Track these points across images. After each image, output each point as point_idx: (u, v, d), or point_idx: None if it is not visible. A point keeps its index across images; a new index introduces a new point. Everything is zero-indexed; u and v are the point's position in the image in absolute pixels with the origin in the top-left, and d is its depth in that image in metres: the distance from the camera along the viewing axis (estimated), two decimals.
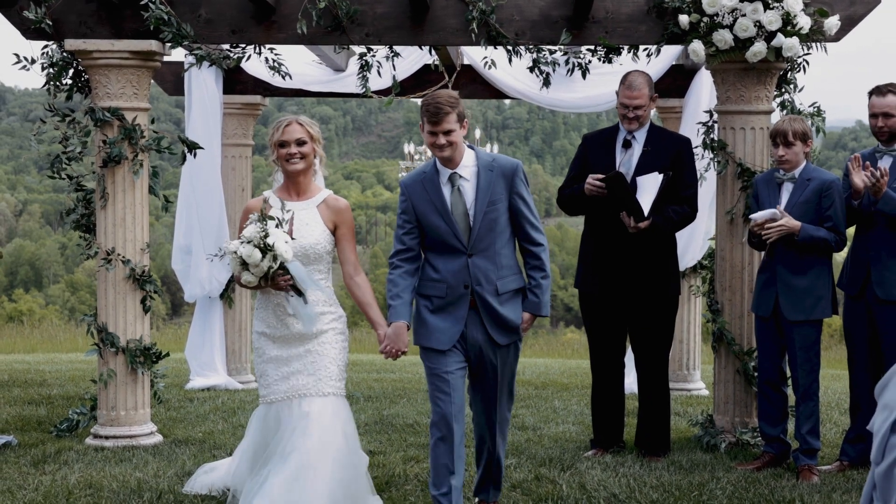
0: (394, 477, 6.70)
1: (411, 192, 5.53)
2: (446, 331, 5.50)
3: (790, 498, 6.28)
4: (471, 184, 5.47)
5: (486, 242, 5.48)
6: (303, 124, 5.69)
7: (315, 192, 5.78)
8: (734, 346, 7.45)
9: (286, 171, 5.69)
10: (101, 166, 7.45)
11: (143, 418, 7.64)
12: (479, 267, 5.47)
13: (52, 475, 6.75)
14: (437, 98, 5.38)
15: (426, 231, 5.53)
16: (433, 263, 5.55)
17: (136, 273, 7.52)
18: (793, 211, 6.67)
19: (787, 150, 6.71)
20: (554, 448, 7.52)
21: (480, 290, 5.46)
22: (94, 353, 7.61)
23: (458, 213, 5.46)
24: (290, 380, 5.63)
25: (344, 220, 5.74)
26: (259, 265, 5.39)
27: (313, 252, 5.65)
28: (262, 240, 5.39)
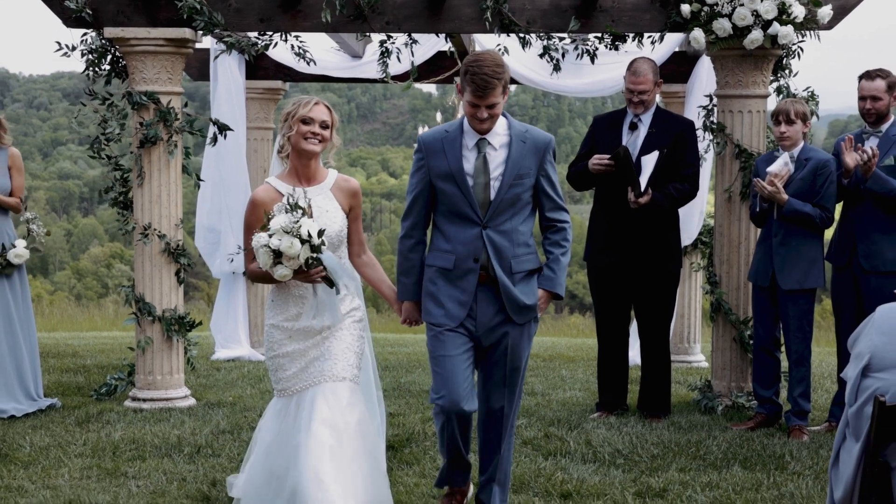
0: (413, 435, 7.21)
1: (429, 150, 5.18)
2: (452, 307, 5.19)
3: (780, 453, 6.80)
4: (499, 154, 5.11)
5: (505, 217, 5.14)
6: (329, 108, 5.35)
7: (323, 175, 5.38)
8: (731, 315, 7.95)
9: (300, 151, 5.23)
10: (138, 147, 7.95)
11: (178, 383, 8.17)
12: (493, 241, 5.12)
13: (97, 433, 7.29)
14: (483, 67, 4.95)
15: (440, 195, 5.19)
16: (444, 231, 5.22)
17: (171, 247, 8.03)
18: (790, 186, 7.17)
19: (788, 128, 7.21)
20: (562, 411, 8.04)
21: (494, 264, 5.12)
22: (132, 322, 8.12)
23: (478, 183, 5.10)
24: (309, 369, 5.23)
25: (357, 202, 5.41)
26: (296, 257, 4.97)
27: (338, 239, 5.28)
28: (298, 230, 4.96)
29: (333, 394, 5.13)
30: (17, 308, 7.96)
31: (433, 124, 25.67)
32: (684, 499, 5.90)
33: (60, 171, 62.30)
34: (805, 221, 7.15)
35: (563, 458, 6.73)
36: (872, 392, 4.05)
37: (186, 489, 6.10)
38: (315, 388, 5.17)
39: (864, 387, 4.12)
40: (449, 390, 5.15)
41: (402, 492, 6.05)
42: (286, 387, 5.25)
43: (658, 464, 6.60)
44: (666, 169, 7.53)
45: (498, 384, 5.32)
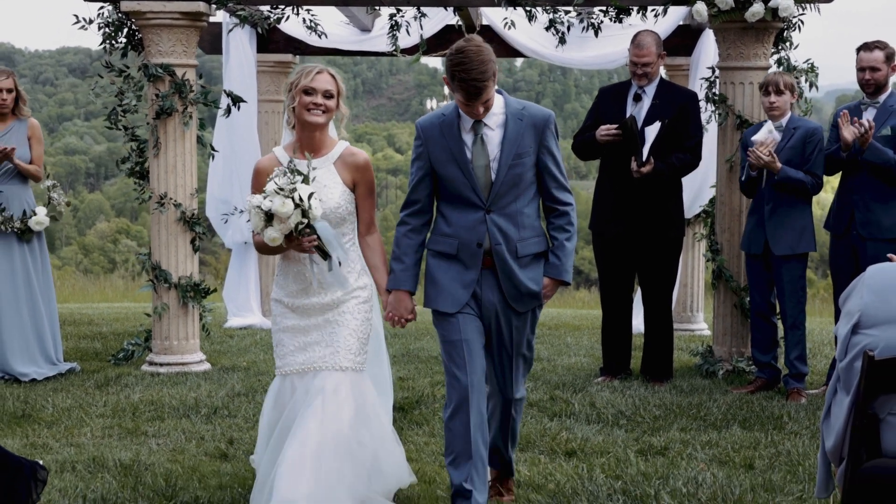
0: (423, 397, 7.44)
1: (428, 136, 4.98)
2: (455, 292, 4.98)
3: (779, 414, 7.03)
4: (496, 134, 4.90)
5: (508, 199, 4.93)
6: (334, 76, 5.09)
7: (330, 146, 5.13)
8: (732, 282, 8.16)
9: (303, 122, 5.02)
10: (154, 118, 8.16)
11: (194, 348, 8.41)
12: (497, 225, 4.92)
13: (117, 395, 7.53)
14: (471, 72, 4.72)
15: (441, 180, 4.99)
16: (446, 216, 5.02)
17: (187, 216, 8.25)
18: (780, 155, 7.37)
19: (778, 98, 7.41)
20: (567, 375, 8.26)
21: (499, 249, 4.92)
22: (148, 288, 8.36)
23: (478, 166, 4.90)
24: (308, 351, 5.07)
25: (364, 177, 5.13)
26: (287, 220, 4.80)
27: (335, 216, 5.04)
28: (292, 192, 4.80)
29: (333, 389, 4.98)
30: (37, 274, 8.19)
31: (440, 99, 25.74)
32: (684, 456, 6.13)
33: (66, 147, 62.47)
34: (797, 188, 7.37)
35: (567, 418, 6.96)
36: (862, 348, 4.26)
37: (205, 447, 6.34)
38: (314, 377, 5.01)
39: (853, 343, 4.33)
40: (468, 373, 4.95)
41: (413, 450, 6.28)
42: (284, 364, 5.10)
43: (660, 424, 6.82)
44: (669, 139, 7.72)
45: (503, 367, 5.12)
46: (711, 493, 5.48)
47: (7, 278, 8.05)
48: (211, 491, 5.53)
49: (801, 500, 5.39)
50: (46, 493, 5.24)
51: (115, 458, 6.02)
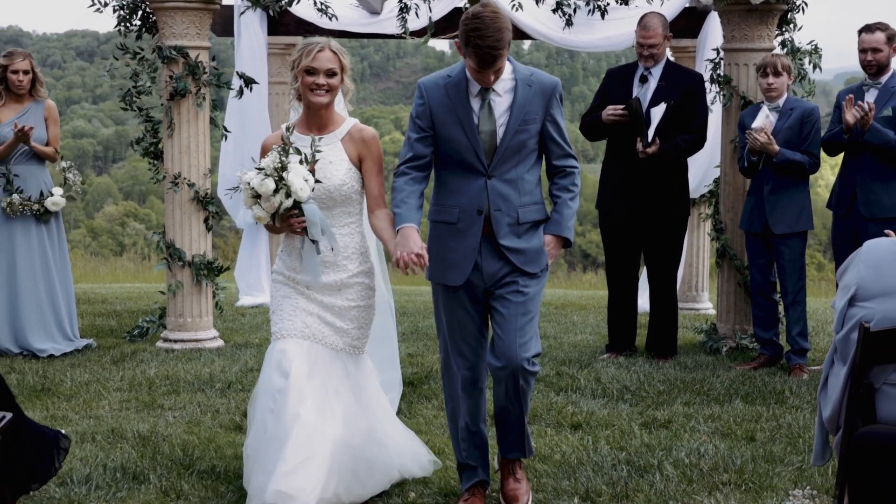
0: (431, 372, 7.60)
1: (431, 96, 4.83)
2: (458, 263, 4.87)
3: (780, 389, 7.18)
4: (504, 99, 4.79)
5: (510, 165, 4.83)
6: (336, 52, 4.97)
7: (338, 123, 5.06)
8: (735, 260, 8.30)
9: (308, 103, 4.97)
10: (168, 99, 8.31)
11: (207, 325, 8.58)
12: (498, 191, 4.82)
13: (133, 370, 7.71)
14: (486, 38, 4.59)
15: (441, 144, 4.85)
16: (446, 182, 4.91)
17: (200, 195, 8.41)
18: (778, 136, 7.52)
19: (776, 80, 7.56)
20: (573, 352, 8.42)
21: (497, 215, 4.81)
22: (163, 266, 8.53)
23: (484, 131, 4.78)
24: (308, 318, 5.01)
25: (370, 152, 5.04)
26: (270, 199, 4.74)
27: (339, 194, 4.97)
28: (277, 171, 4.73)
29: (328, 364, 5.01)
30: (54, 254, 8.36)
31: None
32: (687, 429, 6.28)
33: (74, 130, 62.62)
34: (795, 168, 7.52)
35: (573, 393, 7.12)
36: (858, 320, 4.40)
37: (220, 419, 6.51)
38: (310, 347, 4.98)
39: (850, 315, 4.47)
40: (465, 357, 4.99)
41: (422, 423, 6.45)
42: (280, 329, 5.01)
43: (664, 399, 6.98)
44: (675, 120, 7.85)
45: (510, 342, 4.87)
46: (713, 463, 5.64)
47: (25, 257, 8.22)
48: (227, 460, 5.70)
49: (801, 470, 5.54)
50: (68, 462, 5.41)
51: (134, 430, 6.20)
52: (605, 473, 5.52)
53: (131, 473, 5.53)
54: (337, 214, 5.01)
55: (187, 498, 5.24)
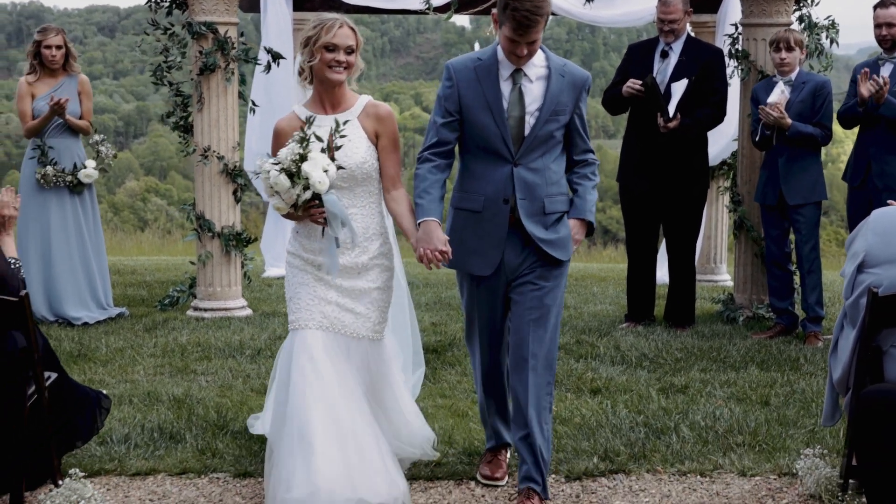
0: (455, 340, 7.81)
1: (460, 78, 4.73)
2: (485, 253, 4.78)
3: (795, 356, 7.36)
4: (536, 87, 4.71)
5: (537, 154, 4.75)
6: (354, 29, 4.83)
7: (352, 101, 4.90)
8: (752, 232, 8.47)
9: (324, 79, 4.78)
10: (198, 74, 8.51)
11: (236, 294, 8.81)
12: (524, 180, 4.72)
13: (165, 337, 7.95)
14: (524, 2, 4.49)
15: (468, 129, 4.75)
16: (471, 170, 4.80)
17: (229, 168, 8.63)
18: (791, 109, 7.68)
19: (788, 55, 7.72)
20: (592, 321, 8.62)
21: (523, 203, 4.72)
22: (193, 237, 8.77)
23: (513, 116, 4.70)
24: (326, 307, 4.83)
25: (387, 128, 4.89)
26: (289, 191, 4.59)
27: (361, 172, 4.81)
28: (293, 163, 4.57)
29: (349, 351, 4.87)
30: (88, 224, 8.61)
31: None
32: (704, 394, 6.48)
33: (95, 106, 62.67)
34: (807, 140, 7.69)
35: (593, 360, 7.32)
36: (867, 286, 4.59)
37: (251, 384, 6.75)
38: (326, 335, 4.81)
39: (859, 281, 4.66)
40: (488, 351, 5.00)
41: (447, 388, 6.67)
42: (297, 318, 4.86)
43: (681, 365, 7.17)
44: (695, 95, 8.01)
45: (530, 328, 4.82)
46: (728, 426, 5.84)
47: (60, 228, 8.47)
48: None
49: (813, 432, 5.73)
50: (107, 423, 5.64)
51: (169, 393, 6.44)
52: (624, 435, 5.73)
53: (168, 433, 5.77)
54: (358, 194, 4.85)
55: (222, 456, 5.47)
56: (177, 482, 5.23)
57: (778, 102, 7.68)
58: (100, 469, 5.32)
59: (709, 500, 4.96)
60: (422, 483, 5.19)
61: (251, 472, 5.29)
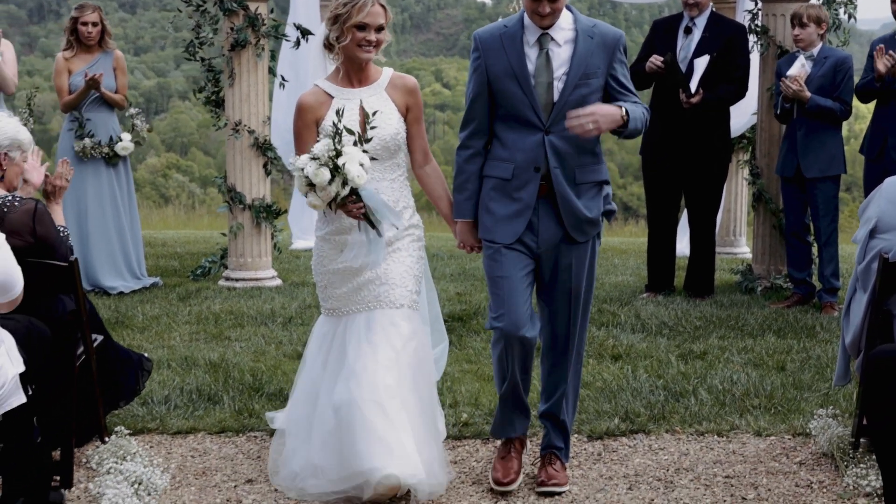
0: (479, 309, 8.04)
1: (486, 48, 4.59)
2: (510, 221, 4.63)
3: (811, 325, 7.56)
4: (564, 50, 4.53)
5: None
6: (384, 6, 4.72)
7: (376, 74, 4.83)
8: (771, 204, 8.66)
9: (353, 57, 4.69)
10: (229, 50, 8.74)
11: (266, 265, 9.07)
12: (556, 147, 4.55)
13: (199, 305, 8.21)
14: None
15: (497, 98, 4.60)
16: (502, 138, 4.65)
17: (259, 142, 8.86)
18: (812, 83, 7.84)
19: (801, 31, 7.89)
20: (614, 291, 8.83)
21: (556, 172, 4.56)
22: (224, 209, 9.01)
23: (540, 83, 4.53)
24: (362, 291, 4.77)
25: (416, 101, 4.85)
26: (326, 188, 4.49)
27: (393, 143, 4.76)
28: (331, 159, 4.46)
29: (392, 324, 4.74)
30: (122, 196, 8.87)
31: None
32: (722, 360, 6.69)
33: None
34: (826, 115, 7.85)
35: (614, 328, 7.53)
36: (878, 251, 4.78)
37: (283, 349, 7.00)
38: (370, 314, 4.76)
39: (871, 247, 4.86)
40: (509, 313, 4.61)
41: (472, 354, 6.90)
42: (336, 306, 4.83)
43: (700, 333, 7.38)
44: (717, 71, 8.17)
45: (562, 309, 4.74)
46: (745, 389, 6.05)
47: (96, 199, 8.73)
48: (292, 385, 6.17)
49: (827, 395, 5.94)
50: (147, 386, 5.89)
51: (205, 358, 6.69)
52: (644, 398, 5.95)
53: (206, 395, 6.03)
54: (389, 166, 4.79)
55: (258, 416, 5.72)
56: (216, 440, 5.48)
57: (798, 76, 7.84)
58: (142, 428, 5.59)
59: (725, 458, 5.17)
60: (450, 442, 5.42)
61: None
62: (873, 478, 4.72)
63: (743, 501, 4.67)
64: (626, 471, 5.05)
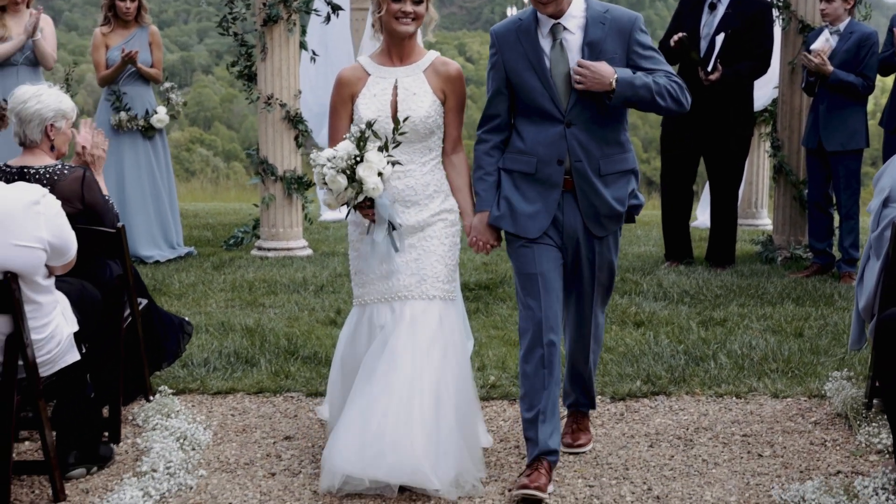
0: (505, 278, 8.26)
1: (503, 42, 4.54)
2: (535, 215, 4.53)
3: (829, 293, 7.75)
4: (576, 39, 4.45)
5: (590, 112, 4.46)
6: None
7: (420, 54, 4.72)
8: (791, 176, 8.83)
9: (392, 32, 4.60)
10: (262, 25, 8.96)
11: (297, 235, 9.32)
12: (578, 139, 4.46)
13: (233, 274, 8.47)
14: None
15: (517, 92, 4.53)
16: (522, 132, 4.56)
17: (291, 115, 9.08)
18: (836, 58, 7.99)
19: (827, 5, 8.04)
20: (636, 261, 9.04)
21: (579, 166, 4.46)
22: (257, 181, 9.25)
23: (557, 73, 4.44)
24: (391, 279, 4.61)
25: (455, 89, 4.68)
26: (341, 194, 4.44)
27: (424, 127, 4.61)
28: (350, 167, 4.40)
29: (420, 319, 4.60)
30: (160, 166, 9.12)
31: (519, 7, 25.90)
32: (741, 326, 6.89)
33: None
34: (848, 89, 8.00)
35: (637, 296, 7.74)
36: (891, 219, 4.97)
37: (316, 316, 7.24)
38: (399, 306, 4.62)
39: (884, 215, 5.04)
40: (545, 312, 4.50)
41: (498, 320, 7.12)
42: (361, 294, 4.70)
43: (720, 301, 7.58)
44: (739, 47, 8.32)
45: (585, 298, 4.72)
46: (763, 354, 6.26)
47: (133, 171, 8.99)
48: (326, 349, 6.41)
49: (843, 360, 6.13)
50: (187, 349, 6.15)
51: (241, 323, 6.95)
52: (665, 362, 6.16)
53: (244, 358, 6.28)
54: (419, 150, 4.66)
55: (294, 378, 5.96)
56: (254, 400, 5.73)
57: (821, 50, 7.99)
58: (184, 388, 5.84)
59: (743, 418, 5.38)
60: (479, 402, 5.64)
61: (322, 392, 5.75)
62: (885, 435, 4.93)
63: (759, 458, 4.88)
64: (648, 430, 5.27)
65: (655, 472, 4.73)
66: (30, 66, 8.43)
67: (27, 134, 5.05)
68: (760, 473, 4.69)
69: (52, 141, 5.10)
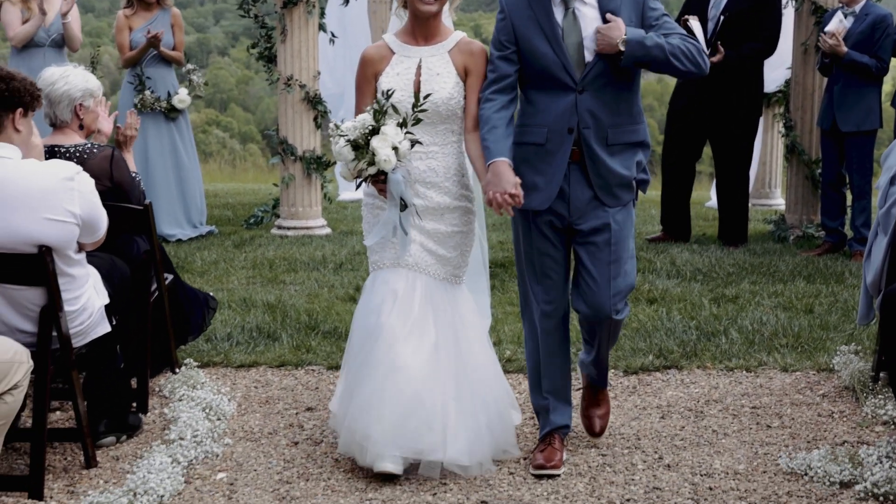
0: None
1: (512, 8, 4.43)
2: (541, 186, 4.41)
3: (840, 271, 7.87)
4: (590, 8, 4.37)
5: (604, 80, 4.36)
6: None
7: (445, 34, 4.66)
8: (804, 155, 8.94)
9: (416, 11, 4.56)
10: (282, 7, 9.11)
11: (316, 214, 9.48)
12: (588, 106, 4.36)
13: (253, 252, 8.64)
14: None
15: (527, 59, 4.42)
16: (533, 101, 4.47)
17: (310, 96, 9.23)
18: (850, 39, 8.09)
19: None
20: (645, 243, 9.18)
21: (587, 133, 4.36)
22: (277, 160, 9.41)
23: (570, 43, 4.35)
24: (407, 246, 4.54)
25: (477, 65, 4.60)
26: (350, 164, 4.44)
27: (446, 108, 4.57)
28: (363, 136, 4.41)
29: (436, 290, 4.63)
30: (184, 145, 9.30)
31: None
32: (753, 303, 7.02)
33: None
34: (862, 70, 8.10)
35: (650, 274, 7.88)
36: None
37: (335, 292, 7.40)
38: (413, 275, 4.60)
39: (891, 192, 5.15)
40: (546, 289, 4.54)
41: (514, 297, 7.26)
42: (376, 259, 4.68)
43: (732, 279, 7.71)
44: (745, 29, 8.42)
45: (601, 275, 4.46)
46: (774, 330, 6.39)
47: (157, 151, 9.16)
48: (346, 324, 6.54)
49: (852, 335, 6.26)
50: (210, 324, 6.31)
51: (262, 299, 7.11)
52: (677, 337, 6.30)
53: (266, 333, 6.45)
54: (441, 132, 4.62)
55: (315, 352, 6.13)
56: (277, 373, 5.90)
57: (835, 31, 8.09)
58: (208, 361, 6.02)
59: (752, 391, 5.53)
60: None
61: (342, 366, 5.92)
62: (890, 407, 5.07)
63: (768, 429, 5.02)
64: (659, 402, 5.42)
65: (667, 442, 4.88)
66: (56, 47, 8.60)
67: (57, 114, 5.22)
68: (768, 443, 4.84)
69: (82, 120, 5.27)
